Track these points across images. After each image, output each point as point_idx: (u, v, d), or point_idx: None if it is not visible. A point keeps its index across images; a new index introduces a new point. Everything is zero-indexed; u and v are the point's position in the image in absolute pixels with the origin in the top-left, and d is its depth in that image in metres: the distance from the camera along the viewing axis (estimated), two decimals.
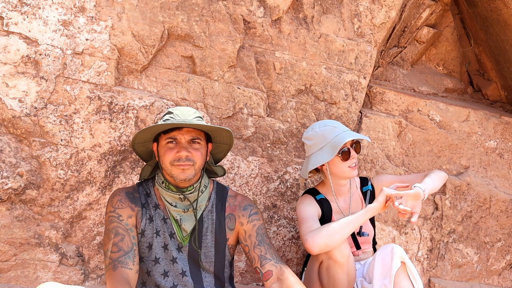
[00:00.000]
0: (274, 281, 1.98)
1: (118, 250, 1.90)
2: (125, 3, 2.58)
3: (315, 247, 2.21)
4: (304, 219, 2.38)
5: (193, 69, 2.74)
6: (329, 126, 2.50)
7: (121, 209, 1.99)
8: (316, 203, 2.51)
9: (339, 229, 2.23)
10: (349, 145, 2.46)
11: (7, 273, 2.46)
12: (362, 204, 2.61)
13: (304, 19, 2.91)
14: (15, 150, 2.44)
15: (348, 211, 2.57)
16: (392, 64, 3.49)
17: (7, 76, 2.41)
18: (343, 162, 2.46)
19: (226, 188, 2.18)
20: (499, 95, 3.71)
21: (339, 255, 2.23)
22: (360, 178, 2.69)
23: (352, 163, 2.46)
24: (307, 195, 2.56)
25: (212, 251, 2.07)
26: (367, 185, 2.65)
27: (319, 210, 2.50)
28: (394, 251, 2.24)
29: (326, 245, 2.20)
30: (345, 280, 2.27)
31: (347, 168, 2.46)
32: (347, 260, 2.26)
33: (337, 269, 2.25)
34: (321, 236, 2.21)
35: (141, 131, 2.02)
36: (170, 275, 2.01)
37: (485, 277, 3.33)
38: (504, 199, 3.30)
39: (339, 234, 2.22)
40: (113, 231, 1.94)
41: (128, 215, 1.99)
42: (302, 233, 2.30)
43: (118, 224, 1.95)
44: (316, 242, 2.20)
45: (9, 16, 2.41)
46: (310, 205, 2.48)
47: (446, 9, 3.59)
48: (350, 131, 2.48)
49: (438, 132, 3.21)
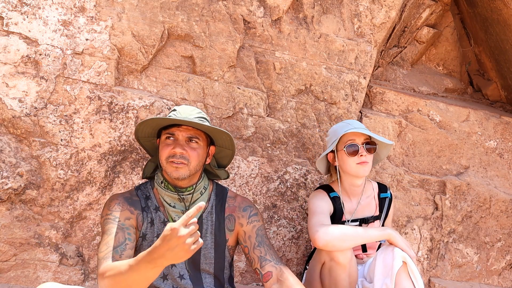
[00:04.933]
0: (274, 282, 1.97)
1: (106, 248, 1.85)
2: (125, 3, 2.58)
3: (322, 242, 2.20)
4: (316, 212, 2.38)
5: (193, 69, 2.74)
6: (345, 123, 2.52)
7: (118, 212, 1.96)
8: (330, 200, 2.50)
9: (352, 237, 2.24)
10: (359, 143, 2.45)
11: (7, 273, 2.46)
12: (376, 209, 2.61)
13: (304, 19, 2.91)
14: (15, 150, 2.44)
15: (359, 213, 2.57)
16: (392, 64, 3.49)
17: (7, 76, 2.41)
18: (349, 157, 2.45)
19: (225, 189, 2.18)
20: (499, 95, 3.71)
21: (342, 257, 2.23)
22: (379, 184, 2.67)
23: (359, 160, 2.44)
24: (321, 190, 2.55)
25: (211, 252, 2.06)
26: (386, 193, 2.64)
27: (331, 207, 2.49)
28: (396, 251, 2.24)
29: (333, 245, 2.21)
30: (346, 282, 2.27)
31: (354, 165, 2.45)
32: (349, 262, 2.26)
33: (339, 271, 2.25)
34: (333, 235, 2.21)
35: (140, 123, 2.02)
36: (169, 278, 2.01)
37: (485, 277, 3.33)
38: (504, 199, 3.30)
39: (350, 242, 2.24)
40: (107, 232, 1.90)
41: (126, 217, 1.96)
42: (312, 224, 2.30)
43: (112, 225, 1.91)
44: (325, 238, 2.20)
45: (9, 16, 2.41)
46: (324, 200, 2.48)
47: (446, 9, 3.59)
48: (363, 128, 2.46)
49: (438, 132, 3.21)
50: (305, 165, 2.92)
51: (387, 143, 2.52)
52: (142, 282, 1.65)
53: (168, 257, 1.53)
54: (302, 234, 2.93)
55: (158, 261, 1.55)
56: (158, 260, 1.55)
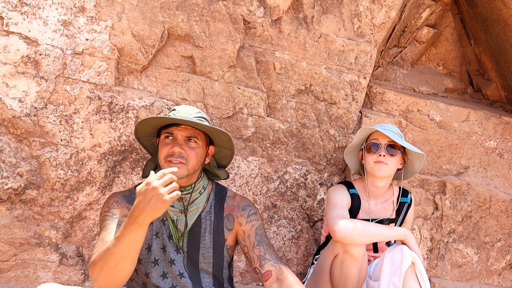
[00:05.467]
0: (274, 281, 1.97)
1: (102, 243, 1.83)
2: (125, 3, 2.58)
3: (341, 234, 2.23)
4: (336, 204, 2.42)
5: (193, 69, 2.74)
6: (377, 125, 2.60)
7: (116, 209, 1.96)
8: (349, 195, 2.53)
9: (371, 233, 2.28)
10: (382, 143, 2.49)
11: (7, 273, 2.46)
12: (393, 212, 2.63)
13: (304, 19, 2.91)
14: (15, 150, 2.45)
15: (375, 213, 2.59)
16: (392, 64, 3.49)
17: (7, 76, 2.41)
18: (369, 154, 2.52)
19: (225, 189, 2.18)
20: (499, 95, 3.71)
21: (356, 251, 2.25)
22: (401, 189, 2.69)
23: (377, 159, 2.48)
24: (341, 185, 2.59)
25: (210, 251, 2.06)
26: (407, 197, 2.67)
27: (349, 202, 2.52)
28: (405, 250, 2.26)
29: (351, 239, 2.23)
30: (356, 277, 2.28)
31: (372, 163, 2.50)
32: (362, 257, 2.28)
33: (352, 264, 2.26)
34: (354, 229, 2.23)
35: (139, 122, 2.03)
36: (168, 276, 2.01)
37: (485, 277, 3.33)
38: (504, 199, 3.30)
39: (368, 237, 2.27)
40: (104, 228, 1.90)
41: (124, 215, 1.95)
42: (332, 216, 2.32)
43: (109, 222, 1.91)
44: (344, 230, 2.23)
45: (9, 16, 2.41)
46: (344, 194, 2.52)
47: (446, 9, 3.59)
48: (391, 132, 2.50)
49: (438, 132, 3.21)
50: (305, 165, 2.92)
51: (416, 151, 2.53)
52: (130, 250, 1.67)
53: (147, 211, 1.60)
54: (302, 234, 2.93)
55: (139, 218, 1.61)
56: (139, 217, 1.61)
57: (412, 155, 2.60)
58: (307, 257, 2.95)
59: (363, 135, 2.59)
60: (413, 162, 2.64)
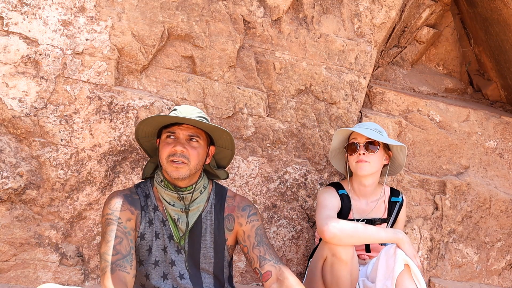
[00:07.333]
0: (274, 282, 1.97)
1: (116, 253, 1.86)
2: (125, 3, 2.58)
3: (330, 234, 2.22)
4: (325, 205, 2.42)
5: (193, 69, 2.74)
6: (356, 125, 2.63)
7: (120, 212, 1.96)
8: (338, 197, 2.54)
9: (361, 234, 2.26)
10: (361, 142, 2.51)
11: (7, 273, 2.46)
12: (384, 212, 2.63)
13: (304, 19, 2.91)
14: (15, 150, 2.45)
15: (366, 213, 2.59)
16: (392, 64, 3.49)
17: (7, 76, 2.41)
18: (349, 155, 2.55)
19: (225, 189, 2.18)
20: (499, 95, 3.71)
21: (344, 253, 2.24)
22: (392, 189, 2.70)
23: (357, 159, 2.50)
24: (330, 187, 2.60)
25: (211, 251, 2.06)
26: (398, 197, 2.67)
27: (339, 204, 2.53)
28: (398, 254, 2.24)
29: (340, 239, 2.22)
30: (348, 279, 2.28)
31: (354, 163, 2.52)
32: (351, 259, 2.27)
33: (341, 267, 2.26)
34: (343, 230, 2.23)
35: (141, 122, 2.03)
36: (169, 277, 2.01)
37: (485, 277, 3.33)
38: (504, 199, 3.30)
39: (358, 239, 2.26)
40: (111, 233, 1.90)
41: (127, 218, 1.96)
42: (321, 217, 2.32)
43: (116, 227, 1.92)
44: (333, 231, 2.22)
45: (9, 16, 2.41)
46: (332, 196, 2.52)
47: (446, 9, 3.59)
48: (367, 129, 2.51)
49: (438, 132, 3.21)
50: (305, 165, 2.92)
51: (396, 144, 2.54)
52: None
53: None
54: (302, 234, 2.93)
55: None
56: None
57: (394, 148, 2.61)
58: (307, 257, 2.95)
59: (340, 138, 2.62)
60: (397, 155, 2.64)
